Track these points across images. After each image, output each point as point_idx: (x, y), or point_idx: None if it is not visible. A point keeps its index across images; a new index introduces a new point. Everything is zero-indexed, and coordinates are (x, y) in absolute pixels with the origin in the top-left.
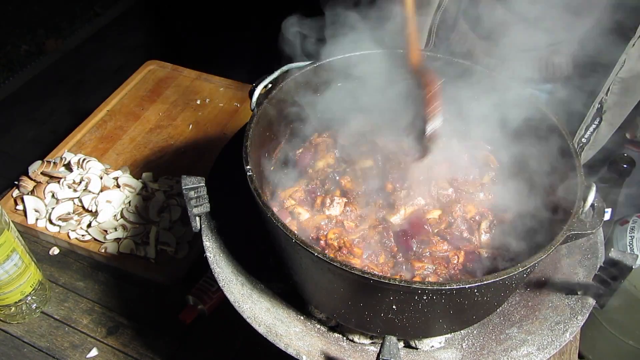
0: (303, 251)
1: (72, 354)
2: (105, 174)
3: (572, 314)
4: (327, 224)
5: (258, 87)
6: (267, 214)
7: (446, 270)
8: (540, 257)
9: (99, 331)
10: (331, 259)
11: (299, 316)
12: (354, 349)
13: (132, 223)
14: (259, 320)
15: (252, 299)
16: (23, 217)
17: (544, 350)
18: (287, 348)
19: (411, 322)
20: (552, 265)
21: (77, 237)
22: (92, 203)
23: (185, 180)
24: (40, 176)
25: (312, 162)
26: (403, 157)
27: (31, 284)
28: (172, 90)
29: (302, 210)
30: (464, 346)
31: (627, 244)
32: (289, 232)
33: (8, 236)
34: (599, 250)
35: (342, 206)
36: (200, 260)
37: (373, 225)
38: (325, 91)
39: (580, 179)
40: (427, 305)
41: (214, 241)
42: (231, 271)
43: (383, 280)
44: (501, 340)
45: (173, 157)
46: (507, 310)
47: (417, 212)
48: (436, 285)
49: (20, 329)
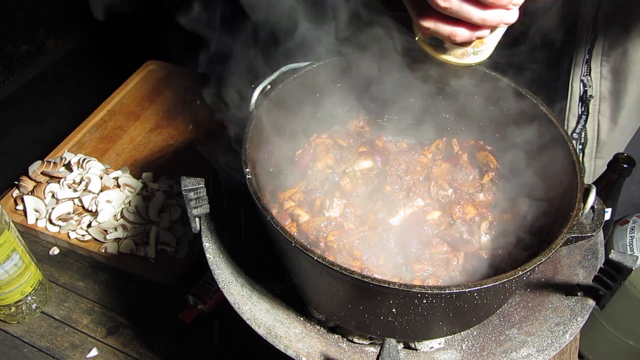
0: (302, 255)
1: (72, 354)
2: (105, 174)
3: (572, 315)
4: (327, 226)
5: (257, 89)
6: (267, 218)
7: (446, 272)
8: (540, 260)
9: (99, 331)
10: (331, 262)
11: (298, 317)
12: (353, 350)
13: (132, 223)
14: (259, 322)
15: (251, 300)
16: (23, 217)
17: (543, 351)
18: (286, 350)
19: (411, 324)
20: (552, 266)
21: (77, 237)
22: (92, 203)
23: (184, 181)
24: (40, 176)
25: (312, 163)
26: (403, 157)
27: (31, 284)
28: (172, 90)
29: (302, 212)
30: (464, 347)
31: (627, 244)
32: (289, 235)
33: (8, 236)
34: (599, 251)
35: (341, 208)
36: (200, 260)
37: (373, 226)
38: (324, 92)
39: (579, 180)
40: (427, 309)
41: (214, 242)
42: (231, 272)
43: (383, 284)
44: (501, 342)
45: (173, 157)
46: (507, 312)
47: (416, 213)
48: (436, 289)
49: (20, 329)
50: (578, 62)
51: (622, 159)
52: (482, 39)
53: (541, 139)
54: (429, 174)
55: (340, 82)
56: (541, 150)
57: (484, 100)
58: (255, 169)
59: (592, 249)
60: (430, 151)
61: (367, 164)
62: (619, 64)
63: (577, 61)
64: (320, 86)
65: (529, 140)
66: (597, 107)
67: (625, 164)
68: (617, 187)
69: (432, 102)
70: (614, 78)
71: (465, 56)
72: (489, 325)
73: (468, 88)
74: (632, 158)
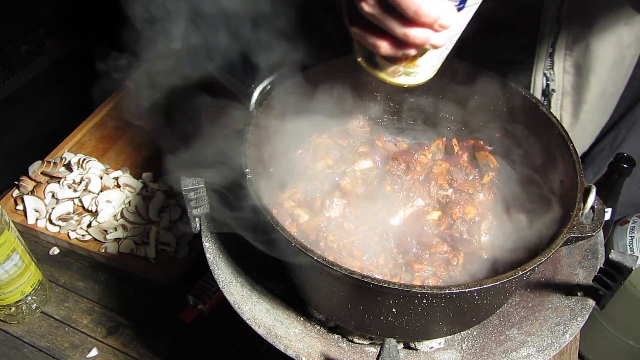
0: (302, 255)
1: (72, 354)
2: (105, 174)
3: (572, 315)
4: (327, 226)
5: (257, 89)
6: (267, 218)
7: (446, 272)
8: (540, 260)
9: (99, 331)
10: (331, 262)
11: (298, 317)
12: (353, 350)
13: (132, 223)
14: (259, 322)
15: (251, 300)
16: (23, 217)
17: (543, 351)
18: (286, 350)
19: (411, 324)
20: (552, 266)
21: (77, 237)
22: (92, 203)
23: (184, 181)
24: (40, 176)
25: (312, 163)
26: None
27: (31, 284)
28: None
29: (302, 212)
30: (464, 347)
31: (627, 244)
32: (289, 236)
33: (8, 236)
34: (599, 251)
35: (341, 208)
36: (200, 260)
37: (373, 226)
38: (324, 92)
39: (580, 180)
40: (427, 309)
41: (214, 242)
42: (231, 272)
43: (383, 284)
44: (501, 342)
45: None
46: (507, 311)
47: (416, 213)
48: (436, 289)
49: (20, 329)
50: (541, 56)
51: (622, 159)
52: (413, 60)
53: (541, 139)
54: (429, 174)
55: (341, 82)
56: (541, 150)
57: (484, 100)
58: (255, 169)
59: (592, 249)
60: (430, 151)
61: (367, 164)
62: (581, 58)
63: (541, 54)
64: (321, 86)
65: (529, 140)
66: (560, 102)
67: (625, 164)
68: (617, 187)
69: (432, 102)
70: (577, 73)
71: (396, 75)
72: (489, 325)
73: (468, 88)
74: (632, 158)
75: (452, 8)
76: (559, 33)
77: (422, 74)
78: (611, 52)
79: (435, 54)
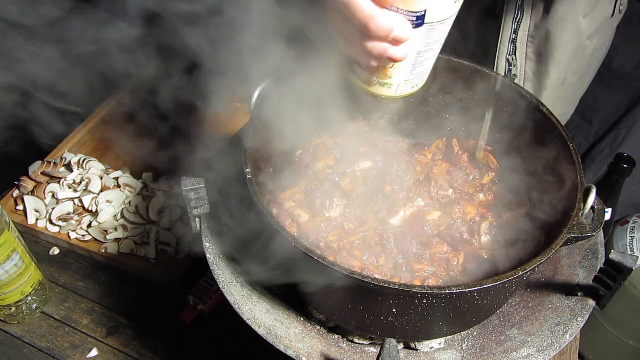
0: (302, 255)
1: (72, 354)
2: (105, 174)
3: (572, 315)
4: (327, 226)
5: (257, 89)
6: (267, 218)
7: (446, 272)
8: (540, 261)
9: (99, 331)
10: (331, 262)
11: (298, 317)
12: (353, 350)
13: (132, 223)
14: (259, 322)
15: (251, 300)
16: (23, 217)
17: (543, 351)
18: (286, 350)
19: (411, 324)
20: (552, 266)
21: (77, 237)
22: (92, 203)
23: (185, 181)
24: (40, 176)
25: (312, 163)
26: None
27: (31, 284)
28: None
29: (302, 212)
30: (464, 347)
31: (627, 244)
32: (289, 236)
33: (8, 236)
34: (599, 251)
35: (341, 208)
36: (200, 260)
37: (373, 226)
38: (324, 92)
39: (579, 180)
40: (427, 309)
41: (214, 242)
42: (231, 272)
43: (383, 284)
44: (501, 342)
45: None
46: (507, 311)
47: (416, 213)
48: (436, 289)
49: (20, 329)
50: (504, 41)
51: (622, 159)
52: (384, 71)
53: (541, 138)
54: (429, 174)
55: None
56: (541, 150)
57: (484, 100)
58: (255, 169)
59: (592, 249)
60: (430, 151)
61: (367, 164)
62: (542, 46)
63: (504, 40)
64: (321, 86)
65: (528, 139)
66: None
67: (625, 164)
68: (617, 187)
69: (432, 102)
70: (538, 59)
71: (370, 84)
72: (489, 325)
73: (468, 88)
74: (632, 158)
75: (406, 23)
76: (521, 20)
77: (397, 87)
78: (570, 41)
79: (407, 68)
